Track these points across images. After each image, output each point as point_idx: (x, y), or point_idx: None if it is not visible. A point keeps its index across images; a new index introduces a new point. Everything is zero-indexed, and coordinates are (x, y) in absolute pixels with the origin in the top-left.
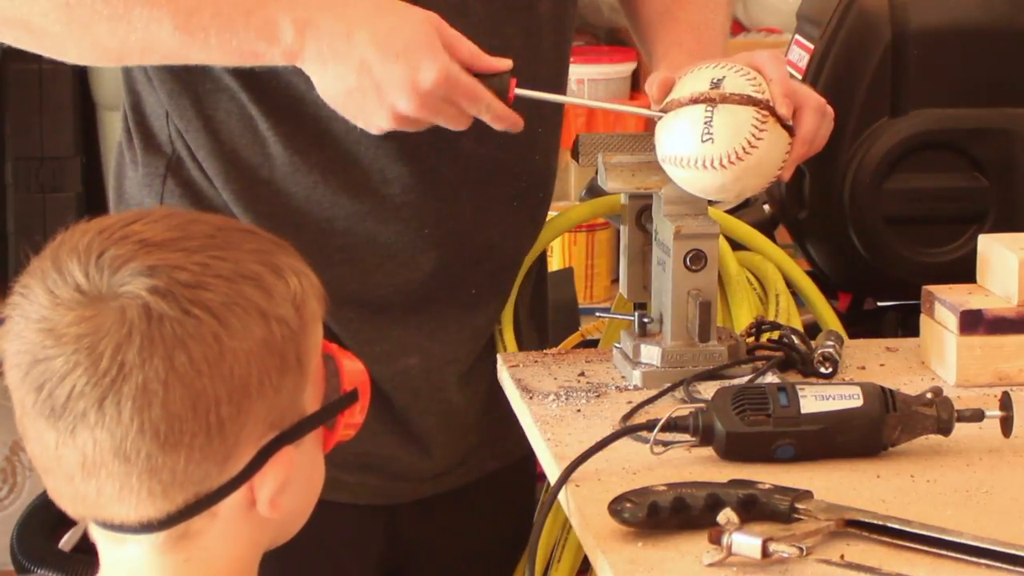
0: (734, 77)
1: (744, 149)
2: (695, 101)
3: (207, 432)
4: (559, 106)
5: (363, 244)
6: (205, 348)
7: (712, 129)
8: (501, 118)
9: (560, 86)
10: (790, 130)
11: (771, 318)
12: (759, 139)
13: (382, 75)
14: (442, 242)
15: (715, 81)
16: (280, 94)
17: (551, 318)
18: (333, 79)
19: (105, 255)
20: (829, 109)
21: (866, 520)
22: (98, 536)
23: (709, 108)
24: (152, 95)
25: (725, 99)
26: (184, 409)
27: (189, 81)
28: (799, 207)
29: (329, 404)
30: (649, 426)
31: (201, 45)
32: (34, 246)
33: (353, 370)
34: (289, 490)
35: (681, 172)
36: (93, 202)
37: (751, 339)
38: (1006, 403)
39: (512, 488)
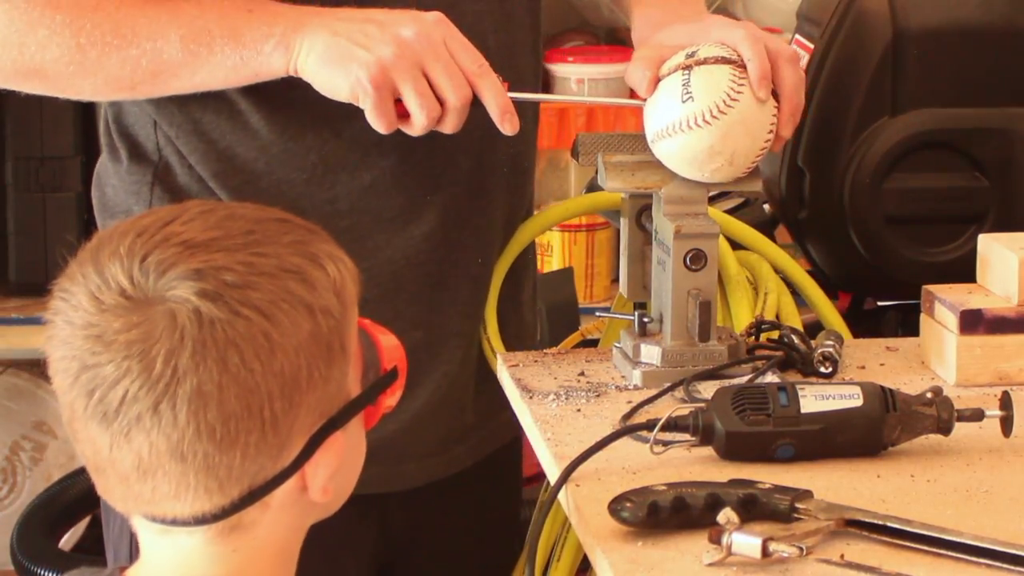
0: (708, 46)
1: (725, 102)
2: (670, 73)
3: (262, 428)
4: (536, 75)
5: (370, 220)
6: (256, 347)
7: (691, 88)
8: (499, 94)
9: (536, 71)
10: (773, 94)
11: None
12: (739, 92)
13: (385, 17)
14: (446, 207)
15: (690, 53)
16: (271, 82)
17: (549, 318)
18: (334, 33)
19: (149, 259)
20: (795, 53)
21: (866, 520)
22: (141, 527)
23: (685, 73)
24: (136, 105)
25: (700, 62)
26: (239, 408)
27: None
28: (799, 207)
29: (373, 385)
30: (649, 426)
31: (206, 54)
32: (34, 246)
33: (390, 346)
34: (338, 473)
35: (670, 143)
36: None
37: (751, 339)
38: (1006, 403)
39: (499, 476)
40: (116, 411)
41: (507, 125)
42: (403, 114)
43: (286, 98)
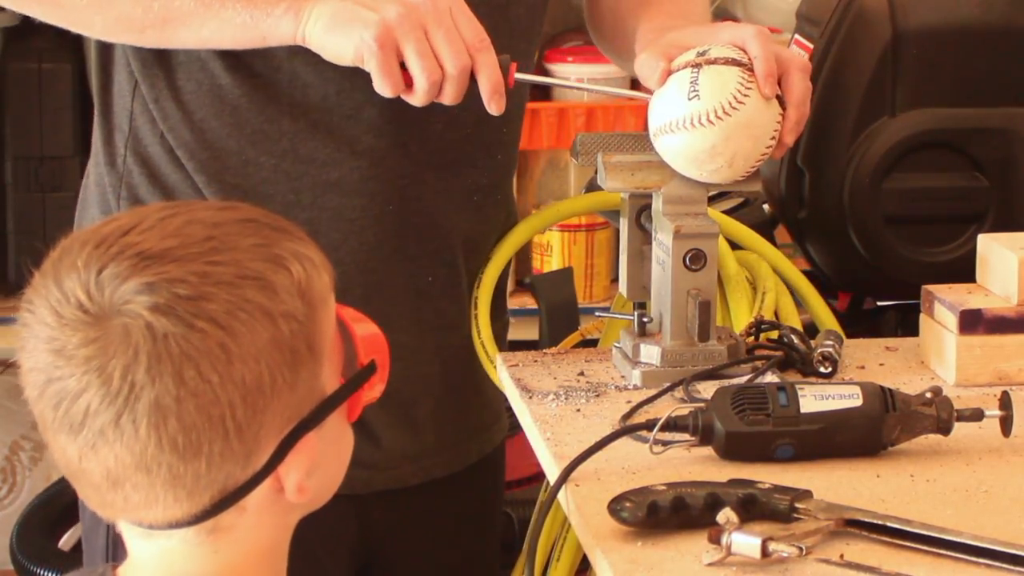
0: (719, 47)
1: (731, 104)
2: (680, 69)
3: (225, 437)
4: (522, 111)
5: (328, 218)
6: (213, 359)
7: (698, 87)
8: (494, 71)
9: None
10: (780, 100)
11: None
12: (746, 95)
13: None
14: (405, 222)
15: (700, 52)
16: (256, 62)
17: (549, 318)
18: None
19: (104, 272)
20: (808, 65)
21: (866, 520)
22: (125, 529)
23: (695, 70)
24: (123, 73)
25: (710, 62)
26: (199, 420)
27: (164, 52)
28: (799, 207)
29: (347, 383)
30: (649, 426)
31: (218, 7)
32: (34, 246)
33: (367, 335)
34: (316, 471)
35: (672, 139)
36: None
37: (750, 339)
38: (1006, 403)
39: (478, 480)
40: (81, 424)
41: (494, 105)
42: (406, 83)
43: (269, 79)
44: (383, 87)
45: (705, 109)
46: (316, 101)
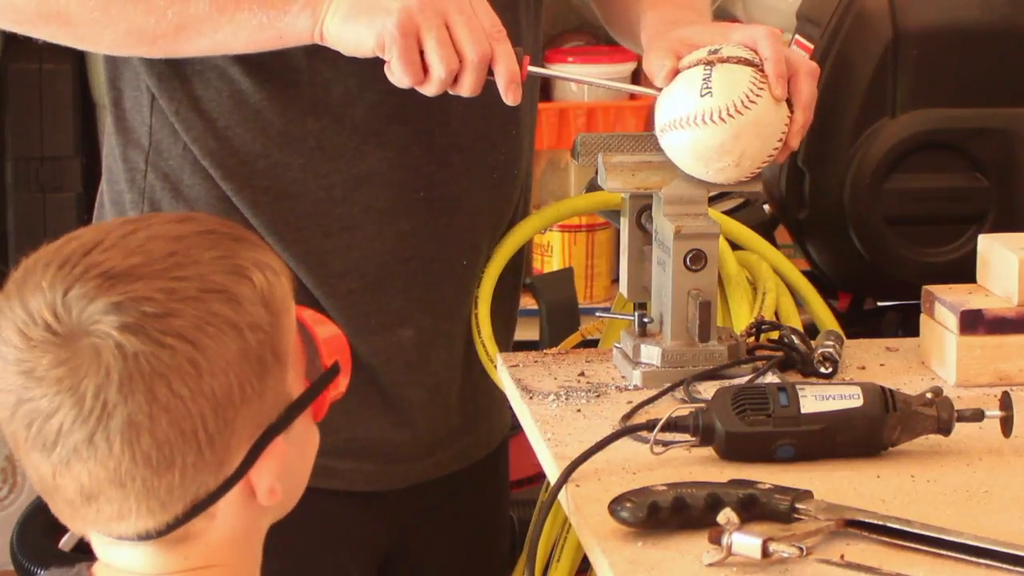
0: (731, 46)
1: (743, 103)
2: (692, 66)
3: (198, 449)
4: (536, 89)
5: (362, 211)
6: (183, 375)
7: (711, 84)
8: (511, 61)
9: (537, 81)
10: (788, 103)
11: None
12: (758, 95)
13: None
14: (435, 207)
15: (713, 50)
16: (275, 64)
17: (549, 318)
18: None
19: (71, 293)
20: (816, 69)
21: (866, 520)
22: (95, 539)
23: (707, 68)
24: (135, 90)
25: (723, 60)
26: (172, 434)
27: (178, 63)
28: (799, 207)
29: (312, 385)
30: (649, 426)
31: (233, 10)
32: (34, 246)
33: (328, 337)
34: (285, 474)
35: (680, 135)
36: (93, 202)
37: (751, 339)
38: (1006, 403)
39: (491, 471)
40: (54, 443)
41: (511, 95)
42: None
43: (289, 80)
44: (402, 77)
45: (717, 106)
46: (337, 97)
